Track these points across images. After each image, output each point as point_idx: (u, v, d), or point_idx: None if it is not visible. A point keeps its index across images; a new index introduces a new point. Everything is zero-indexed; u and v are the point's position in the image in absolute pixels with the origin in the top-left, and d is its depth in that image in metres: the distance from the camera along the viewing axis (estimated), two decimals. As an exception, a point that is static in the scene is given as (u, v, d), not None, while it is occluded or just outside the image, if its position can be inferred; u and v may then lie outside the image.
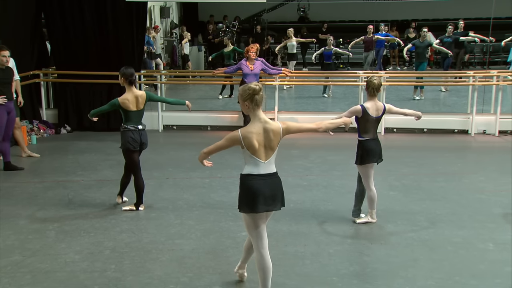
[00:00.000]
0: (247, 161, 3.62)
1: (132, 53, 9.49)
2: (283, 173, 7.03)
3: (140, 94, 5.57)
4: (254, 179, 3.59)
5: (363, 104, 5.20)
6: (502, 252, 4.72)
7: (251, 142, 3.52)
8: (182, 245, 4.91)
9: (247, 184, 3.61)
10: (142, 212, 5.72)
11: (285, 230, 5.24)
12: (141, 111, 5.60)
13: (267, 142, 3.57)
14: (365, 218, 5.40)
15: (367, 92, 5.19)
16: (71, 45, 9.46)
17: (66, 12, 9.33)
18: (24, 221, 5.48)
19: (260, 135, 3.55)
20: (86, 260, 4.59)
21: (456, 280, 4.21)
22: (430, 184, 6.59)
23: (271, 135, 3.56)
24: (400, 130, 9.47)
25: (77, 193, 6.35)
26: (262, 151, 3.57)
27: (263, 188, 3.59)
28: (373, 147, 5.21)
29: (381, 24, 14.83)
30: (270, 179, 3.64)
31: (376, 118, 5.19)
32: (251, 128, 3.56)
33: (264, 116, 3.60)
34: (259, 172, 3.60)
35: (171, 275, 4.31)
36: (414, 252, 4.72)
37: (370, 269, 4.44)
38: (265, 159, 3.60)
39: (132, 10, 9.29)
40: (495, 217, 5.54)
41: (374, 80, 5.12)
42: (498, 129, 9.07)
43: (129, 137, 5.51)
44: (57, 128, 9.60)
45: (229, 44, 12.92)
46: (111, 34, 9.33)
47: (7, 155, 7.21)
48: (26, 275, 4.32)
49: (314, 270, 4.41)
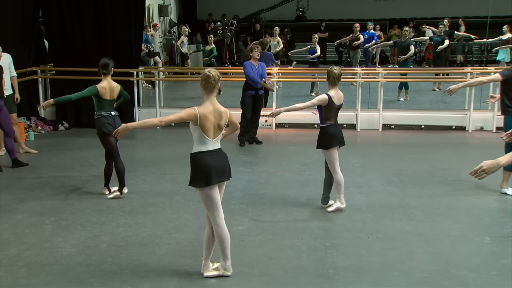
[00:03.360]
0: (197, 139, 3.96)
1: (130, 50, 9.47)
2: (280, 169, 7.20)
3: (115, 86, 5.93)
4: (204, 155, 3.95)
5: (328, 93, 5.39)
6: (499, 245, 4.73)
7: (205, 121, 3.90)
8: (179, 238, 4.91)
9: (199, 161, 3.95)
10: (139, 207, 5.72)
11: (282, 224, 5.24)
12: (113, 101, 5.94)
13: (217, 122, 3.96)
14: (335, 205, 5.52)
15: (328, 82, 5.42)
16: (69, 42, 9.44)
17: (63, 8, 9.32)
18: (21, 215, 5.48)
19: (212, 115, 3.93)
20: (83, 254, 4.59)
21: (452, 273, 4.22)
22: (427, 180, 6.60)
23: (220, 116, 3.97)
24: (397, 126, 9.48)
25: (74, 188, 6.35)
26: (212, 131, 3.95)
27: (214, 162, 3.96)
28: (335, 131, 5.45)
29: (368, 23, 14.79)
30: (218, 154, 4.01)
31: (338, 106, 5.43)
32: (206, 109, 3.92)
33: (215, 100, 4.00)
34: (208, 149, 3.96)
35: (167, 268, 4.32)
36: (410, 245, 4.72)
37: (366, 262, 4.44)
38: (213, 138, 3.97)
39: (130, 6, 9.28)
40: (492, 211, 5.55)
41: (334, 70, 5.39)
42: (496, 125, 9.07)
43: (104, 122, 5.80)
44: (54, 125, 9.60)
45: (212, 43, 13.21)
46: (109, 31, 9.32)
47: (13, 151, 7.14)
48: (22, 268, 4.33)
49: (311, 263, 4.41)
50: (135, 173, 6.79)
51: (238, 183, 6.32)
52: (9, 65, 7.59)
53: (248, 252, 4.61)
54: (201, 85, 3.98)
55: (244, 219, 5.36)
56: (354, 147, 8.09)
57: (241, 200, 5.88)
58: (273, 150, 8.43)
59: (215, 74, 3.95)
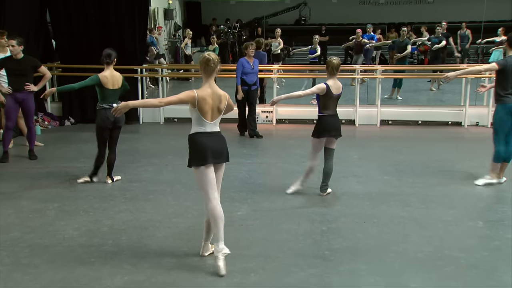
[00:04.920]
0: (195, 121, 4.03)
1: (134, 47, 9.63)
2: (280, 161, 7.32)
3: (118, 75, 6.08)
4: (201, 136, 4.02)
5: (326, 82, 5.52)
6: (491, 228, 4.82)
7: (204, 104, 3.96)
8: (179, 223, 5.02)
9: (195, 141, 4.03)
10: (141, 194, 5.84)
11: (280, 210, 5.35)
12: (116, 91, 6.05)
13: (216, 105, 4.02)
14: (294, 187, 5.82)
15: (327, 71, 5.55)
16: (75, 40, 9.63)
17: (70, 8, 9.51)
18: (26, 201, 5.61)
19: (210, 98, 3.99)
20: (84, 236, 4.71)
21: (445, 253, 4.30)
22: (423, 170, 6.69)
23: (219, 99, 4.03)
24: (395, 122, 9.60)
25: (78, 177, 6.46)
26: (210, 113, 4.00)
27: (210, 143, 4.02)
28: (331, 122, 5.59)
29: (368, 25, 14.97)
30: (215, 136, 4.07)
31: (336, 95, 5.56)
32: (204, 92, 3.98)
33: (214, 84, 4.07)
34: (205, 130, 4.03)
35: (166, 250, 4.42)
36: (405, 229, 4.81)
37: (362, 244, 4.53)
38: (211, 120, 4.02)
39: (134, 4, 9.47)
40: (486, 198, 5.64)
41: (333, 60, 5.54)
42: (491, 121, 9.12)
43: (103, 116, 5.93)
44: (61, 120, 9.77)
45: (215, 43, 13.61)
46: (114, 29, 9.50)
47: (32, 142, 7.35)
48: (25, 249, 4.44)
49: (307, 245, 4.51)
50: (137, 164, 6.93)
51: (238, 173, 6.43)
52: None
53: (246, 235, 4.71)
54: (201, 68, 4.04)
55: (243, 205, 5.46)
56: (352, 141, 8.21)
57: (241, 188, 5.99)
58: (273, 143, 8.56)
59: (214, 57, 4.00)
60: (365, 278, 3.91)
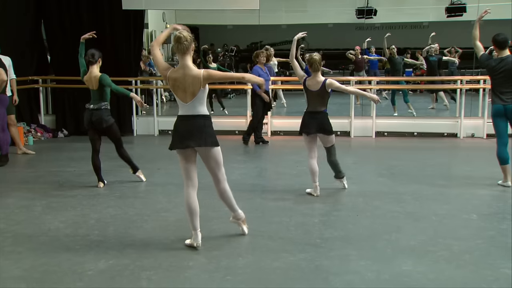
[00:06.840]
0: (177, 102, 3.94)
1: (129, 62, 9.70)
2: (273, 165, 7.24)
3: (95, 75, 5.78)
4: (177, 120, 3.96)
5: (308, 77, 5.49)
6: (485, 221, 4.73)
7: (174, 85, 3.86)
8: (167, 217, 4.92)
9: (174, 125, 3.99)
10: (130, 193, 5.76)
11: (272, 205, 5.27)
12: (95, 92, 5.82)
13: (186, 86, 3.83)
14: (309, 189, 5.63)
15: (311, 69, 5.44)
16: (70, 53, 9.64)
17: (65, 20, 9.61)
18: (12, 199, 5.51)
19: (179, 79, 3.83)
20: (70, 227, 4.61)
21: (439, 241, 4.19)
22: (418, 173, 6.61)
23: (190, 80, 3.82)
24: (390, 134, 9.55)
25: (68, 180, 6.40)
26: (182, 94, 3.86)
27: (179, 128, 3.92)
28: (306, 119, 5.49)
29: (371, 46, 15.19)
30: (188, 120, 3.89)
31: (314, 91, 5.41)
32: (176, 73, 3.85)
33: (190, 64, 3.85)
34: (181, 113, 3.93)
35: (153, 239, 4.32)
36: (399, 222, 4.71)
37: (354, 234, 4.42)
38: (186, 102, 3.88)
39: (129, 19, 9.58)
40: (481, 196, 5.55)
41: (314, 56, 5.46)
42: (486, 132, 9.14)
43: (85, 117, 5.88)
44: (54, 132, 9.72)
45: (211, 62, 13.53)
46: (109, 42, 9.55)
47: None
48: (9, 238, 4.34)
49: (298, 235, 4.40)
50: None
51: (230, 175, 6.23)
52: (8, 68, 7.77)
53: (236, 227, 4.60)
54: (174, 48, 3.88)
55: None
56: (347, 149, 8.17)
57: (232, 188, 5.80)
58: (267, 151, 8.50)
59: (187, 35, 3.80)
60: (356, 262, 3.80)
